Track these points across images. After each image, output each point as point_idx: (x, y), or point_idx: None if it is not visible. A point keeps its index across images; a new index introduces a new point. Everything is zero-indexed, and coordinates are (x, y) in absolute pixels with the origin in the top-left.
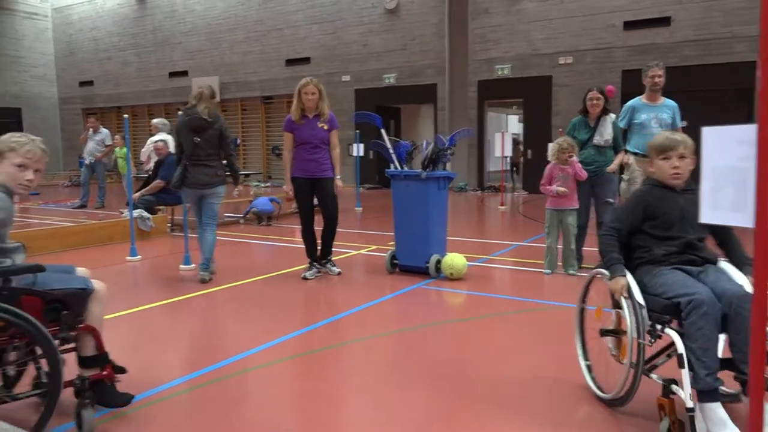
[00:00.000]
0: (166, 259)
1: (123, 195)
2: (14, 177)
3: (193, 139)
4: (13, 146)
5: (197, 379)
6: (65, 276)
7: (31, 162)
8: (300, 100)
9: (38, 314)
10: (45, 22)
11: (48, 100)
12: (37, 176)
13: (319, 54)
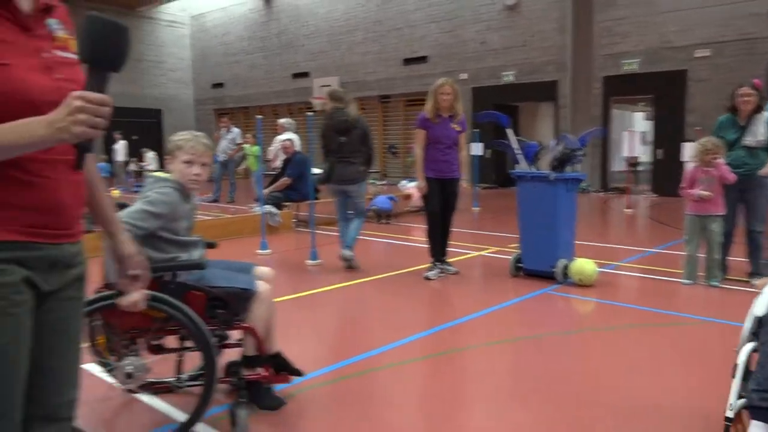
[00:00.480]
0: (293, 253)
1: (251, 191)
2: (184, 173)
3: (338, 139)
4: (180, 144)
5: (328, 374)
6: (231, 275)
7: (195, 157)
8: (435, 99)
9: (201, 309)
10: (183, 29)
11: (184, 101)
12: (204, 170)
13: (436, 52)
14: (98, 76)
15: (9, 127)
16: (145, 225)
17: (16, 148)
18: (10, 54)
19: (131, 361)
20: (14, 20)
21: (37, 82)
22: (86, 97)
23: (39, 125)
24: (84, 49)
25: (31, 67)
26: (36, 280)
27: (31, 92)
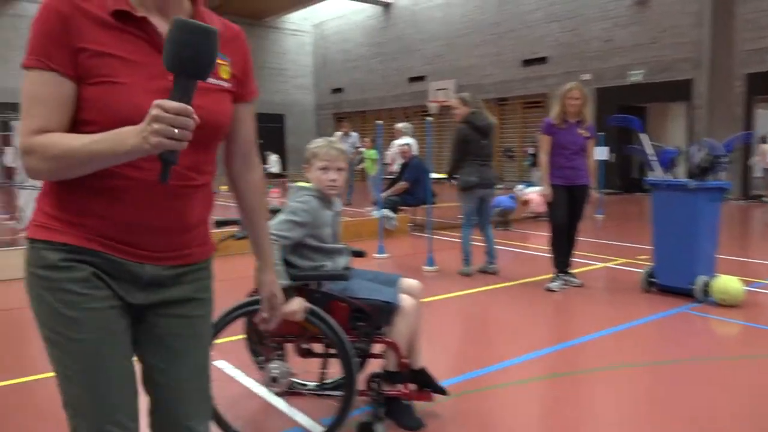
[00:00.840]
0: (410, 258)
1: (367, 193)
2: (321, 180)
3: (481, 142)
4: (315, 152)
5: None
6: (375, 286)
7: (330, 163)
8: (563, 104)
9: (344, 320)
10: (305, 37)
11: (305, 106)
12: (340, 175)
13: (557, 53)
14: (182, 84)
15: (106, 136)
16: (291, 235)
17: (111, 157)
18: (131, 74)
19: (277, 365)
20: (148, 40)
21: (147, 104)
22: (163, 106)
23: (129, 134)
24: (167, 56)
25: (152, 89)
26: (113, 285)
27: (137, 114)
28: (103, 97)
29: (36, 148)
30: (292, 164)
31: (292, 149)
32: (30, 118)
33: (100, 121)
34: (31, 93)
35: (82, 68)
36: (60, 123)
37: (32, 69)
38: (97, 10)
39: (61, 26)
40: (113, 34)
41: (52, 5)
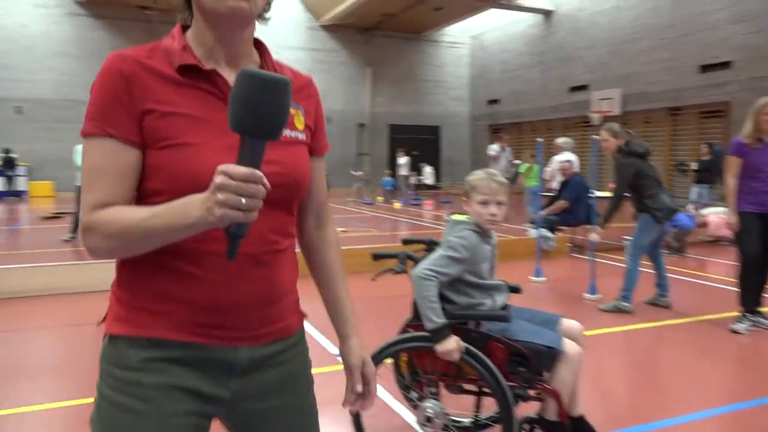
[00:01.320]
0: (569, 283)
1: (520, 208)
2: (480, 213)
3: (652, 167)
4: (474, 184)
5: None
6: (536, 329)
7: (490, 197)
8: (756, 122)
9: (502, 363)
10: (463, 49)
11: (461, 118)
12: (501, 209)
13: (742, 56)
14: (251, 146)
15: (167, 208)
16: (449, 271)
17: (173, 231)
18: (202, 133)
19: (432, 405)
20: (218, 94)
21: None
22: (228, 172)
23: (193, 205)
24: (232, 113)
25: (222, 147)
26: (202, 386)
27: (206, 175)
28: (172, 162)
29: (97, 226)
30: (446, 175)
31: (447, 161)
32: (90, 191)
33: (170, 189)
34: (91, 164)
35: (148, 132)
36: (123, 195)
37: (92, 137)
38: (162, 66)
39: (124, 88)
40: (181, 91)
41: (114, 65)
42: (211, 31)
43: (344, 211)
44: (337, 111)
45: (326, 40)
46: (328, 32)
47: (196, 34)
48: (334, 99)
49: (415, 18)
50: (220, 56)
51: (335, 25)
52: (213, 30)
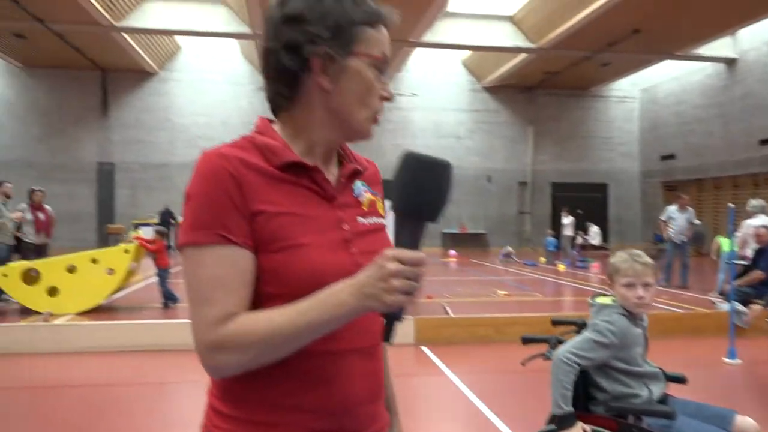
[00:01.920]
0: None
1: (704, 275)
2: (626, 297)
3: None
4: (618, 267)
5: None
6: (705, 428)
7: (636, 279)
8: None
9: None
10: (633, 103)
11: (630, 174)
12: (648, 291)
13: None
14: (413, 228)
15: (316, 303)
16: (593, 356)
17: (327, 323)
18: (309, 231)
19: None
20: (318, 191)
21: (333, 261)
22: (402, 259)
23: (344, 292)
24: (397, 197)
25: (329, 243)
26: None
27: (325, 274)
28: (289, 264)
29: (230, 340)
30: (615, 235)
31: (615, 220)
32: (210, 305)
33: (288, 291)
34: (207, 275)
35: (260, 234)
36: (244, 304)
37: (203, 246)
38: (264, 164)
39: (235, 189)
40: (283, 188)
41: (220, 165)
42: (331, 136)
43: (505, 272)
44: (498, 170)
45: (488, 101)
46: (490, 93)
47: (303, 133)
48: (495, 158)
49: (580, 74)
50: (320, 153)
51: (497, 86)
52: (335, 136)
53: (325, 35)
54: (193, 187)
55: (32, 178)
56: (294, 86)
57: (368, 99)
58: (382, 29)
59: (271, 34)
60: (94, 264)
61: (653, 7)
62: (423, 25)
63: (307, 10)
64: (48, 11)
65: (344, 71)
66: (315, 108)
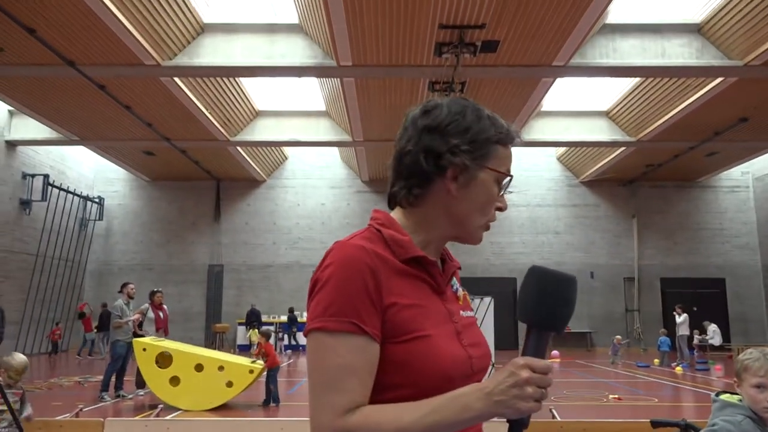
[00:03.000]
0: None
1: None
2: (755, 399)
3: None
4: (747, 365)
5: None
6: None
7: (766, 380)
8: None
9: None
10: (746, 192)
11: (751, 269)
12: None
13: None
14: (541, 339)
15: (442, 403)
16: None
17: (451, 425)
18: (433, 323)
19: None
20: (432, 284)
21: (453, 351)
22: (534, 367)
23: (472, 397)
24: (527, 308)
25: (448, 335)
26: None
27: (448, 364)
28: (413, 355)
29: (357, 430)
30: (738, 335)
31: (737, 317)
32: (339, 392)
33: (410, 382)
34: (338, 363)
35: (390, 326)
36: (368, 395)
37: (338, 333)
38: (392, 257)
39: (373, 282)
40: (409, 282)
41: (359, 258)
42: (444, 236)
43: (614, 374)
44: (601, 265)
45: (587, 196)
46: (588, 188)
47: (422, 228)
48: (597, 253)
49: (684, 165)
50: (432, 249)
51: (595, 180)
52: (450, 236)
53: (464, 148)
54: (330, 274)
55: (151, 280)
56: (425, 186)
57: (487, 209)
58: (509, 148)
59: (412, 137)
60: (219, 371)
61: (758, 94)
62: (517, 125)
63: (451, 124)
64: (174, 131)
65: (473, 181)
66: (439, 208)
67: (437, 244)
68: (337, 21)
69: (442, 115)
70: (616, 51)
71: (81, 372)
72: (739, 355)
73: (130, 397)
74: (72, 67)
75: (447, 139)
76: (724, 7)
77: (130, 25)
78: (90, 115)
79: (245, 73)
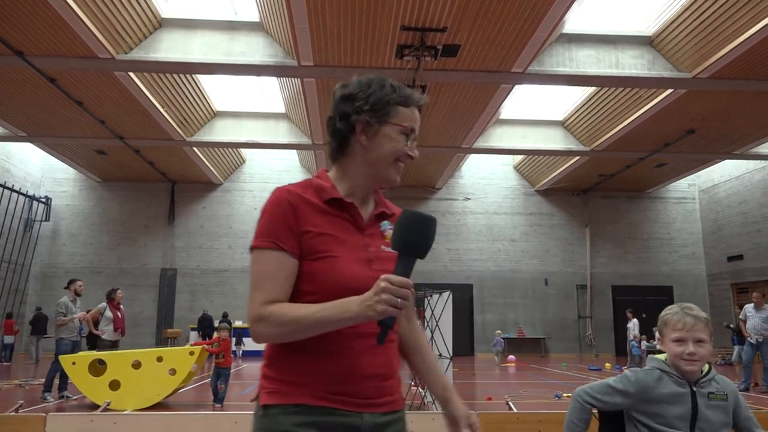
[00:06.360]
0: None
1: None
2: (674, 352)
3: None
4: (666, 320)
5: None
6: None
7: (685, 333)
8: None
9: None
10: (693, 204)
11: (696, 276)
12: (700, 347)
13: None
14: (405, 262)
15: (331, 305)
16: (605, 399)
17: (335, 323)
18: (342, 249)
19: None
20: (353, 222)
21: (356, 271)
22: (390, 279)
23: (353, 303)
24: (395, 239)
25: (356, 259)
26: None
27: (348, 280)
28: (323, 269)
29: (267, 317)
30: None
31: None
32: (261, 291)
33: (319, 289)
34: (262, 270)
35: (305, 247)
36: (285, 294)
37: (264, 249)
38: (314, 198)
39: (292, 214)
40: (327, 218)
41: (283, 197)
42: (366, 183)
43: (567, 377)
44: (555, 273)
45: (542, 204)
46: (544, 196)
47: (346, 177)
48: (551, 261)
49: (635, 176)
50: (358, 195)
51: (550, 189)
52: (369, 183)
53: (366, 108)
54: (264, 210)
55: (100, 283)
56: (344, 143)
57: (395, 154)
58: (412, 109)
59: (332, 106)
60: (158, 362)
61: (705, 108)
62: (475, 133)
63: (359, 92)
64: (128, 129)
65: (378, 134)
66: (357, 159)
67: (363, 189)
68: (299, 20)
69: (353, 86)
70: (572, 60)
71: (23, 374)
72: (661, 313)
73: (74, 398)
74: (20, 58)
75: (354, 103)
76: (673, 21)
77: (84, 14)
78: (39, 110)
79: (203, 70)
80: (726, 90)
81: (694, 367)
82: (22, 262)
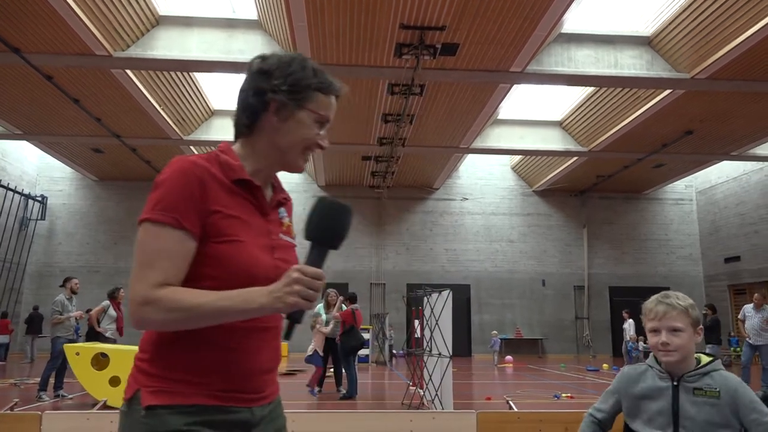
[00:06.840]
0: None
1: None
2: (651, 343)
3: None
4: (643, 310)
5: None
6: None
7: (659, 322)
8: None
9: None
10: (690, 205)
11: (693, 278)
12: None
13: None
14: (318, 252)
15: (235, 294)
16: (603, 407)
17: (237, 313)
18: (248, 233)
19: None
20: (257, 205)
21: (260, 258)
22: (303, 270)
23: (260, 294)
24: (309, 228)
25: (260, 245)
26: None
27: (252, 266)
28: (228, 253)
29: (158, 300)
30: None
31: None
32: (153, 270)
33: (221, 274)
34: (157, 246)
35: (211, 228)
36: (180, 278)
37: (161, 224)
38: (223, 176)
39: (199, 190)
40: (234, 199)
41: (190, 170)
42: (272, 166)
43: (565, 377)
44: (553, 274)
45: (539, 205)
46: (542, 197)
47: (252, 157)
48: (549, 262)
49: (633, 177)
50: (262, 177)
51: (549, 190)
52: (274, 167)
53: (284, 88)
54: (165, 179)
55: (96, 283)
56: (254, 119)
57: (305, 143)
58: (331, 98)
59: (247, 78)
60: None
61: (703, 109)
62: (473, 133)
63: (278, 69)
64: (125, 128)
65: (292, 118)
66: (265, 140)
67: (266, 172)
68: (297, 18)
69: (272, 61)
70: (571, 60)
71: (19, 373)
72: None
73: (70, 398)
74: (17, 55)
75: (271, 80)
76: (672, 22)
77: (81, 11)
78: (35, 108)
79: (201, 68)
80: (724, 91)
81: (670, 358)
82: (18, 261)
